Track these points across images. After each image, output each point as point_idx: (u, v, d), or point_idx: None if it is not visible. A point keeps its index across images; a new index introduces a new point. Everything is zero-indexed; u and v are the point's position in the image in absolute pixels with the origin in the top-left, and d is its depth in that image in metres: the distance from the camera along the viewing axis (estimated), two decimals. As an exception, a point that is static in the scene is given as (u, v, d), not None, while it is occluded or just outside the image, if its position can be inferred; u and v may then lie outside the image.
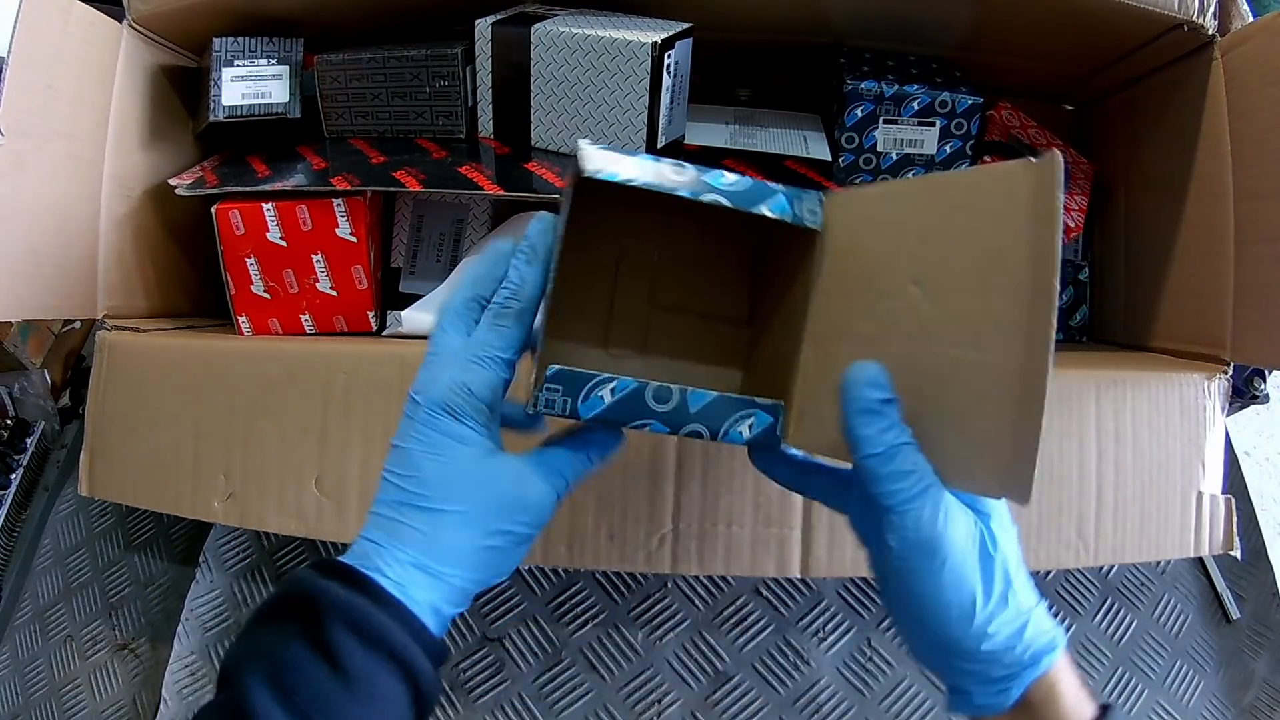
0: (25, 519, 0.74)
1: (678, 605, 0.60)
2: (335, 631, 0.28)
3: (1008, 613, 0.30)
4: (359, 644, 0.29)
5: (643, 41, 0.53)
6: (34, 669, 0.65)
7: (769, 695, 0.58)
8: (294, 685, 0.28)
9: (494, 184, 0.56)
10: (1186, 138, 0.56)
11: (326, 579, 0.30)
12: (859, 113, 0.61)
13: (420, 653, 0.30)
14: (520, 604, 0.61)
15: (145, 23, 0.59)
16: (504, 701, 0.58)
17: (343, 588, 0.29)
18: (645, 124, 0.55)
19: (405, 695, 0.30)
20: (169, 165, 0.63)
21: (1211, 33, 0.53)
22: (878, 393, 0.31)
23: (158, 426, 0.53)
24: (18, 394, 0.76)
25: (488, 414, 0.32)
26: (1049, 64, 0.66)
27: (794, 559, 0.48)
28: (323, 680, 0.28)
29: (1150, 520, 0.49)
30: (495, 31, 0.59)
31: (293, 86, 0.62)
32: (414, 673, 0.30)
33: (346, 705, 0.28)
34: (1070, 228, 0.66)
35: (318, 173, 0.58)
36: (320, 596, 0.29)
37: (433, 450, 0.32)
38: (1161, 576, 0.63)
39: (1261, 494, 0.73)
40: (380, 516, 0.32)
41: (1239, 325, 0.51)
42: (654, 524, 0.48)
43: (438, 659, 0.31)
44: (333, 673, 0.28)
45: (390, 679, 0.29)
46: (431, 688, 0.31)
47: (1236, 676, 0.61)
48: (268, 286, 0.58)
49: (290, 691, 0.28)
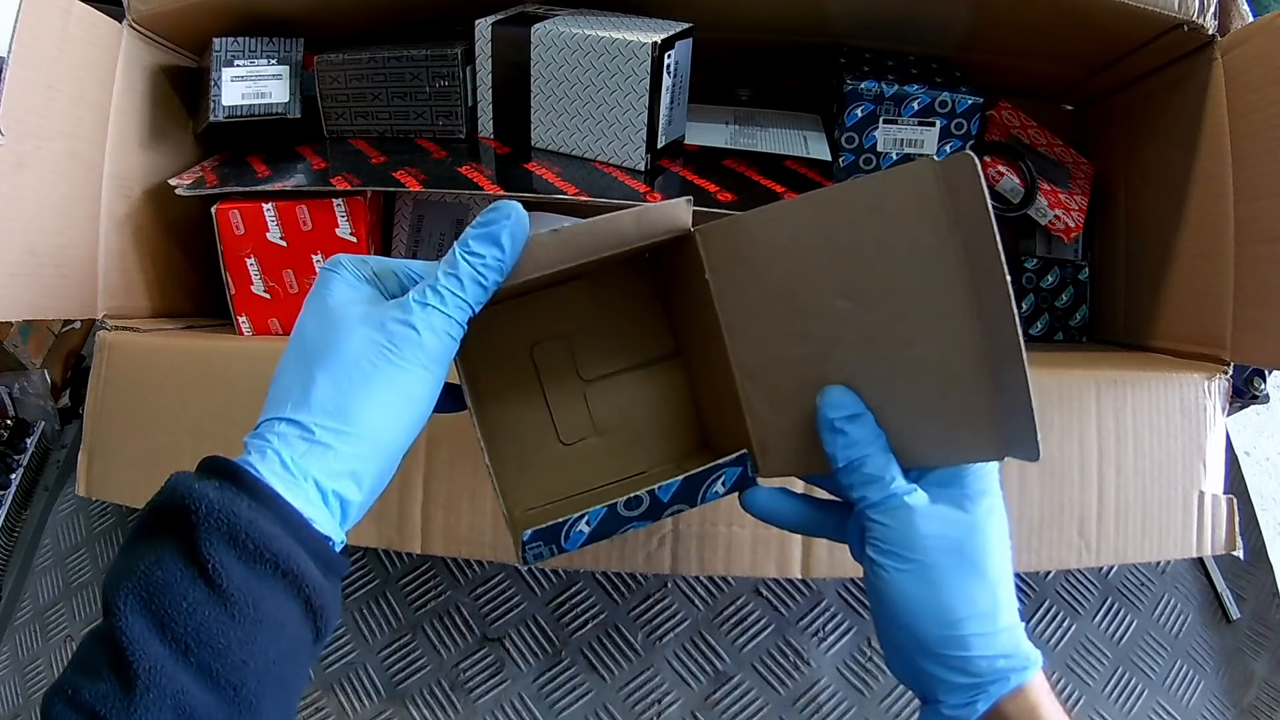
0: (25, 519, 0.74)
1: (678, 605, 0.60)
2: (211, 545, 0.26)
3: (983, 621, 0.31)
4: (238, 559, 0.26)
5: (643, 41, 0.53)
6: (34, 669, 0.65)
7: (769, 695, 0.57)
8: (170, 611, 0.25)
9: (494, 184, 0.56)
10: (1186, 137, 0.56)
11: (203, 479, 0.27)
12: (859, 113, 0.61)
13: (308, 559, 0.27)
14: (520, 604, 0.61)
15: (145, 23, 0.59)
16: (504, 701, 0.58)
17: (218, 489, 0.27)
18: (645, 124, 0.55)
19: (296, 611, 0.27)
20: (169, 165, 0.63)
21: (1211, 33, 0.53)
22: (841, 411, 0.33)
23: (157, 426, 0.53)
24: (18, 394, 0.76)
25: (370, 275, 0.32)
26: (1049, 64, 0.66)
27: (794, 559, 0.48)
28: (201, 604, 0.25)
29: (1152, 520, 0.49)
30: (495, 31, 0.59)
31: (293, 86, 0.62)
32: (302, 582, 0.27)
33: (228, 630, 0.25)
34: (1070, 228, 0.66)
35: (318, 173, 0.58)
36: (194, 504, 0.26)
37: (311, 306, 0.31)
38: (1161, 576, 0.63)
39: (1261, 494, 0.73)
40: (275, 383, 0.31)
41: (1239, 325, 0.51)
42: (654, 524, 0.48)
43: (329, 562, 0.28)
44: (211, 595, 0.25)
45: (276, 595, 0.27)
46: (326, 601, 0.28)
47: (1236, 676, 0.61)
48: (268, 286, 0.58)
49: (166, 618, 0.25)
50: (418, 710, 0.58)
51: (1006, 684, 0.30)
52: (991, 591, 0.31)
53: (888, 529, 0.32)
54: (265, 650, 0.26)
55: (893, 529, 0.31)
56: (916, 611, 0.31)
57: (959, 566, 0.31)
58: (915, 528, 0.31)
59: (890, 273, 0.31)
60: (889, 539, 0.31)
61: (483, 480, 0.47)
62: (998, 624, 0.31)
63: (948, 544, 0.31)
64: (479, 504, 0.48)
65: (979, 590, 0.31)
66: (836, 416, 0.33)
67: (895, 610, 0.32)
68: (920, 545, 0.31)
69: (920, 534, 0.31)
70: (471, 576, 0.63)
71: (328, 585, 0.28)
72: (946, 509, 0.32)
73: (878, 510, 0.32)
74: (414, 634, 0.61)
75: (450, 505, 0.48)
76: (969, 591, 0.31)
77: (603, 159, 0.59)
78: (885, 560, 0.32)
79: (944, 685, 0.31)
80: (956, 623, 0.31)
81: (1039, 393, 0.28)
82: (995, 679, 0.30)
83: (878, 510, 0.32)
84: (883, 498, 0.32)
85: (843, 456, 0.32)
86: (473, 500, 0.48)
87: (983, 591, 0.31)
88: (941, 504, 0.32)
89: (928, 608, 0.31)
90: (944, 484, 0.32)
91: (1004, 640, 0.31)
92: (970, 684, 0.31)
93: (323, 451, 0.28)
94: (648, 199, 0.54)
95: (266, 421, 0.29)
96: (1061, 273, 0.70)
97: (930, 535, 0.31)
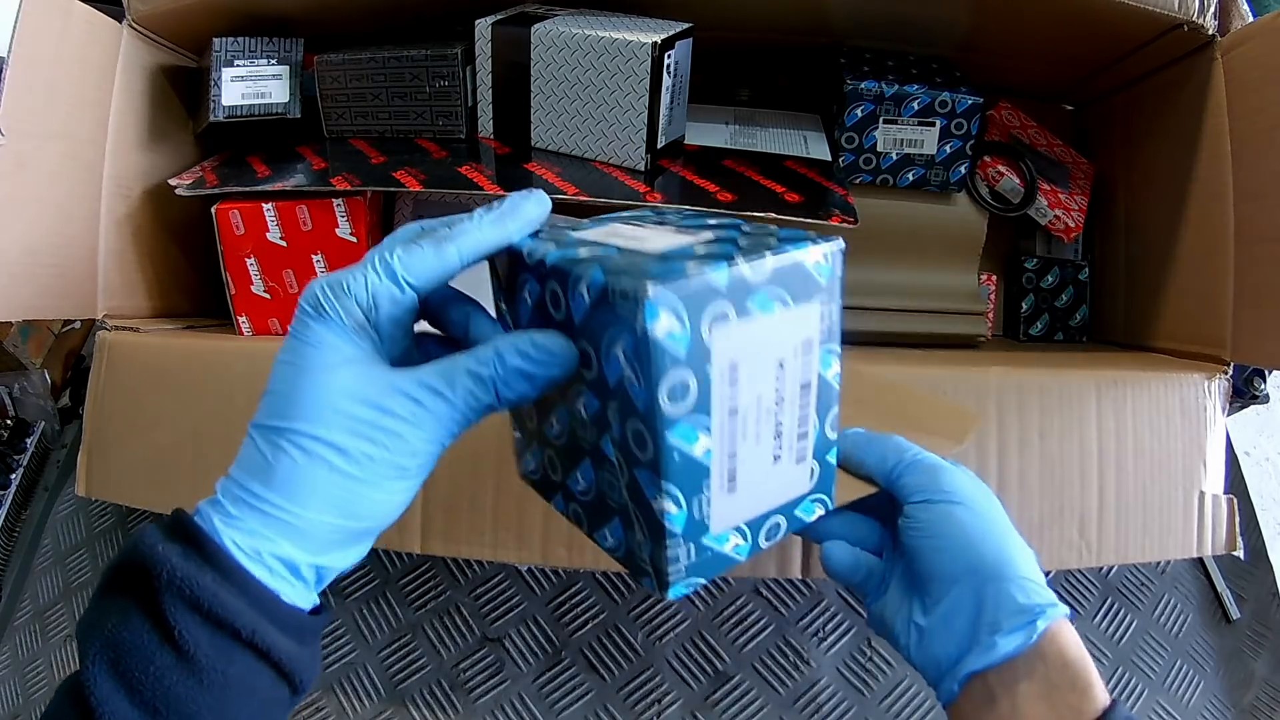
0: (25, 519, 0.74)
1: (678, 605, 0.60)
2: (176, 613, 0.25)
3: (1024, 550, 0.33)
4: (203, 627, 0.25)
5: (643, 41, 0.53)
6: (34, 669, 0.65)
7: (769, 695, 0.57)
8: (138, 674, 0.24)
9: (494, 184, 0.56)
10: (1186, 138, 0.56)
11: (168, 542, 0.26)
12: (859, 113, 0.61)
13: (276, 632, 0.26)
14: (520, 604, 0.61)
15: (145, 23, 0.59)
16: (504, 701, 0.58)
17: (183, 556, 0.25)
18: (645, 124, 0.55)
19: (268, 677, 0.26)
20: (169, 165, 0.63)
21: (1211, 33, 0.53)
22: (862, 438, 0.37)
23: (156, 426, 0.53)
24: (18, 394, 0.76)
25: (360, 318, 0.27)
26: (1049, 64, 0.66)
27: (795, 559, 0.48)
28: (168, 669, 0.25)
29: (1152, 520, 0.49)
30: (495, 31, 0.59)
31: (293, 86, 0.62)
32: (272, 655, 0.26)
33: (197, 696, 0.25)
34: (1070, 228, 0.66)
35: (318, 173, 0.58)
36: (157, 569, 0.25)
37: (290, 358, 0.27)
38: (1161, 576, 0.63)
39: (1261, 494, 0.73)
40: (245, 445, 0.28)
41: (1239, 325, 0.51)
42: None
43: (304, 632, 0.27)
44: (178, 660, 0.25)
45: (245, 664, 0.26)
46: (299, 665, 0.27)
47: (1236, 676, 0.61)
48: (268, 286, 0.58)
49: (135, 681, 0.24)
50: (418, 710, 0.58)
51: (1055, 611, 0.31)
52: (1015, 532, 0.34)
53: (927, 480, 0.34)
54: (236, 714, 0.26)
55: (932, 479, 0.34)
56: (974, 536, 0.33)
57: (990, 506, 0.34)
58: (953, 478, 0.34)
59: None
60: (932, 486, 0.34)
61: (483, 480, 0.47)
62: (1030, 564, 0.33)
63: (977, 491, 0.34)
64: (479, 504, 0.48)
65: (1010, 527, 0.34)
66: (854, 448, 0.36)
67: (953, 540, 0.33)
68: (961, 490, 0.34)
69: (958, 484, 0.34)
70: (471, 576, 0.63)
71: (301, 652, 0.27)
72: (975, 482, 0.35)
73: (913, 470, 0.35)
74: (414, 634, 0.61)
75: (450, 505, 0.48)
76: (1006, 524, 0.34)
77: (603, 159, 0.59)
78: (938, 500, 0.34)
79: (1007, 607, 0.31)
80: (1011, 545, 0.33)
81: (1039, 392, 0.28)
82: (1047, 605, 0.31)
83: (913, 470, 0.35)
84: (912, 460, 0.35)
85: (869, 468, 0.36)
86: (473, 500, 0.48)
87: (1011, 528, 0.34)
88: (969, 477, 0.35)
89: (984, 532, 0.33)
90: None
91: (1038, 574, 0.33)
92: (1029, 606, 0.31)
93: (287, 529, 0.26)
94: (648, 199, 0.54)
95: (238, 480, 0.27)
96: (1061, 273, 0.70)
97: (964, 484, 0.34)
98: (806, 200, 0.56)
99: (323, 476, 0.26)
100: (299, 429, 0.26)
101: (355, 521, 0.27)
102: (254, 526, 0.26)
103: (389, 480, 0.27)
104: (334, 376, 0.26)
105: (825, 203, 0.56)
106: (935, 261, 0.66)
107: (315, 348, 0.27)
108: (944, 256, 0.66)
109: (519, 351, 0.27)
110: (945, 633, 0.33)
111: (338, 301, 0.27)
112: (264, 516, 0.26)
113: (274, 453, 0.26)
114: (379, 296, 0.27)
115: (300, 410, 0.26)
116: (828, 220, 0.54)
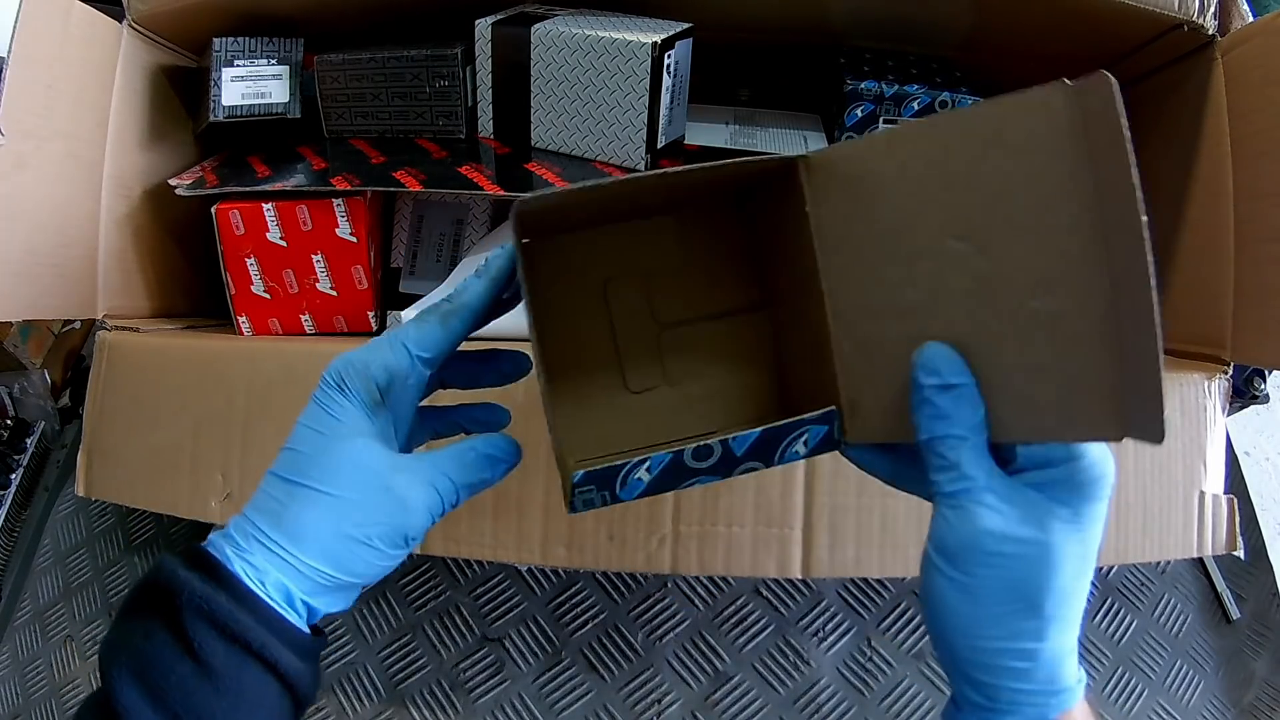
0: (25, 519, 0.74)
1: (678, 605, 0.60)
2: (196, 628, 0.28)
3: (1022, 655, 0.28)
4: (220, 640, 0.28)
5: (643, 41, 0.53)
6: (34, 669, 0.65)
7: (769, 695, 0.57)
8: (161, 683, 0.28)
9: (494, 184, 0.56)
10: (1186, 138, 0.56)
11: (188, 569, 0.29)
12: (859, 113, 0.61)
13: (283, 648, 0.29)
14: (520, 604, 0.61)
15: (145, 23, 0.59)
16: (504, 701, 0.58)
17: (201, 580, 0.29)
18: (645, 124, 0.55)
19: (275, 688, 0.30)
20: (169, 165, 0.63)
21: (1211, 33, 0.53)
22: (936, 377, 0.29)
23: (156, 426, 0.53)
24: (18, 394, 0.76)
25: (376, 396, 0.31)
26: (1049, 64, 0.65)
27: (795, 559, 0.48)
28: (188, 677, 0.28)
29: (1153, 520, 0.49)
30: (495, 31, 0.59)
31: (293, 86, 0.62)
32: (279, 668, 0.29)
33: (213, 702, 0.28)
34: (1070, 228, 0.66)
35: (318, 173, 0.58)
36: (179, 590, 0.28)
37: (312, 423, 0.31)
38: (1161, 576, 0.63)
39: (1261, 494, 0.73)
40: (261, 490, 0.31)
41: (1239, 325, 0.51)
42: (654, 524, 0.48)
43: (306, 651, 0.30)
44: (197, 669, 0.28)
45: (255, 675, 0.29)
46: (302, 680, 0.30)
47: (1236, 676, 0.61)
48: (268, 286, 0.58)
49: (158, 690, 0.28)
50: (418, 710, 0.58)
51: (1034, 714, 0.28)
52: (1041, 628, 0.27)
53: (949, 527, 0.28)
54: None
55: (953, 530, 0.28)
56: (950, 621, 0.28)
57: (1010, 598, 0.27)
58: (976, 541, 0.27)
59: (1011, 212, 0.27)
60: (945, 540, 0.28)
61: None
62: (1040, 658, 0.27)
63: (1005, 573, 0.27)
64: (478, 503, 0.48)
65: (1026, 625, 0.27)
66: (929, 383, 0.29)
67: (930, 607, 0.29)
68: (974, 561, 0.28)
69: (978, 549, 0.27)
70: (471, 576, 0.63)
71: (304, 668, 0.30)
72: (1020, 527, 0.27)
73: (946, 502, 0.28)
74: (414, 634, 0.61)
75: (450, 505, 0.48)
76: (1013, 625, 0.27)
77: (603, 159, 0.59)
78: (936, 558, 0.29)
79: (964, 699, 0.29)
80: (990, 651, 0.28)
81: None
82: (1021, 708, 0.28)
83: (946, 502, 0.28)
84: (954, 490, 0.28)
85: (926, 429, 0.29)
86: (472, 500, 0.48)
87: (1030, 627, 0.27)
88: (1017, 519, 0.27)
89: (963, 621, 0.28)
90: (1044, 487, 0.28)
91: (1042, 673, 0.28)
92: (989, 708, 0.28)
93: (287, 568, 0.30)
94: (648, 199, 0.54)
95: (251, 518, 0.30)
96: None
97: (989, 554, 0.27)
98: (806, 200, 0.56)
99: (326, 530, 0.30)
100: (312, 485, 0.30)
101: (346, 575, 0.30)
102: (260, 561, 0.30)
103: (383, 546, 0.31)
104: (349, 446, 0.30)
105: (825, 203, 0.56)
106: (935, 261, 0.65)
107: (336, 419, 0.31)
108: (944, 256, 0.66)
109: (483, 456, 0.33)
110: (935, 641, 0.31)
111: (358, 378, 0.31)
112: (269, 553, 0.30)
113: (287, 500, 0.30)
114: (395, 375, 0.31)
115: (316, 470, 0.30)
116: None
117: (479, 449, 0.33)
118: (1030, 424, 0.28)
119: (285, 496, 0.30)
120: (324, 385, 0.31)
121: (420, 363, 0.32)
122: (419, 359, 0.31)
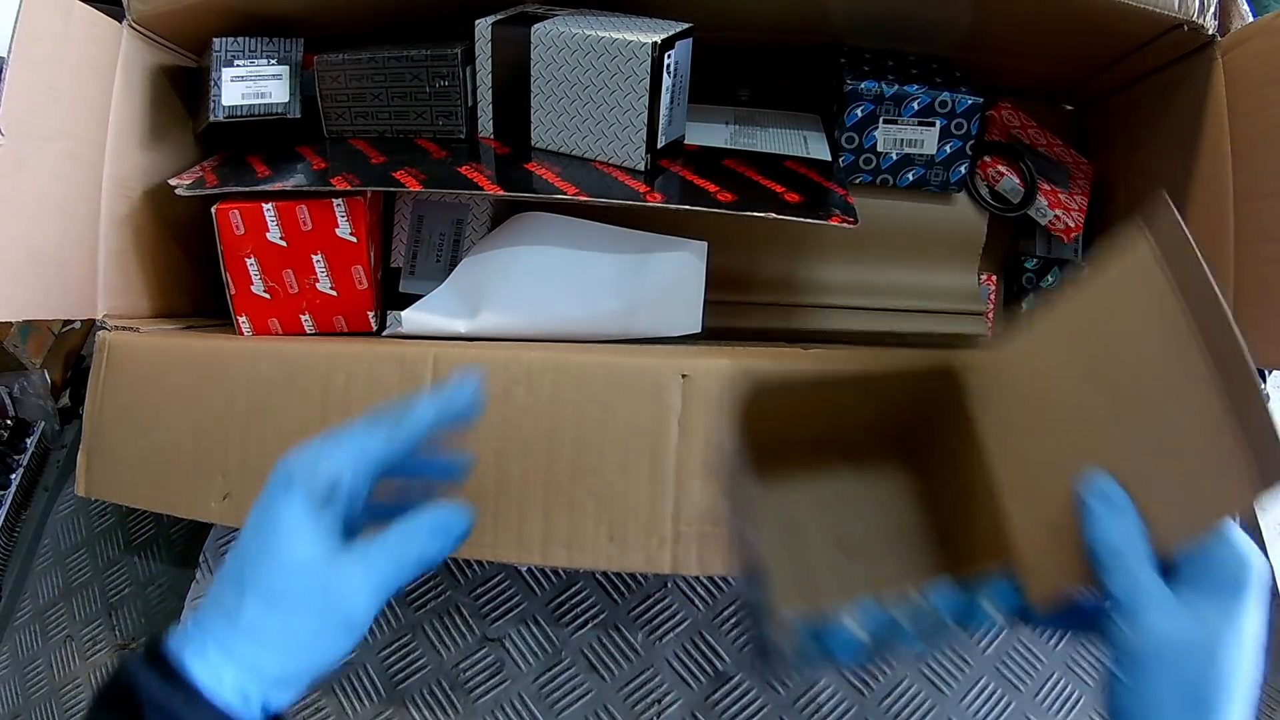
0: (25, 519, 0.74)
1: (678, 605, 0.60)
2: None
3: None
4: None
5: (643, 41, 0.53)
6: (34, 669, 0.65)
7: (769, 695, 0.57)
8: None
9: (494, 184, 0.56)
10: (1187, 137, 0.56)
11: (147, 668, 0.31)
12: (859, 113, 0.61)
13: None
14: (520, 604, 0.61)
15: (145, 23, 0.59)
16: (504, 701, 0.58)
17: (159, 683, 0.30)
18: (645, 124, 0.55)
19: None
20: (169, 165, 0.63)
21: (1211, 33, 0.53)
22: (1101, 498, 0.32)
23: (156, 426, 0.53)
24: (18, 394, 0.76)
25: (322, 497, 0.33)
26: (1049, 64, 0.66)
27: (794, 559, 0.48)
28: None
29: (1151, 520, 0.49)
30: (495, 31, 0.59)
31: (293, 86, 0.62)
32: None
33: None
34: (1070, 228, 0.66)
35: (318, 173, 0.58)
36: (140, 695, 0.30)
37: (258, 521, 0.33)
38: (1162, 577, 0.63)
39: (1262, 494, 0.73)
40: (217, 582, 0.33)
41: (1239, 325, 0.51)
42: (654, 524, 0.48)
43: None
44: None
45: None
46: None
47: (1237, 677, 0.61)
48: (268, 286, 0.58)
49: None
50: (418, 710, 0.58)
51: None
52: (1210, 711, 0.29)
53: (1123, 636, 0.30)
54: None
55: (1126, 639, 0.30)
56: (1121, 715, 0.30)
57: (1184, 704, 0.29)
58: (1148, 648, 0.29)
59: (1132, 353, 0.32)
60: (1121, 649, 0.30)
61: (481, 479, 0.47)
62: None
63: (1177, 679, 0.29)
64: (478, 504, 0.48)
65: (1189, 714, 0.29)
66: (1096, 503, 0.32)
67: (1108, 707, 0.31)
68: (1146, 669, 0.29)
69: (1149, 656, 0.29)
70: (471, 576, 0.63)
71: None
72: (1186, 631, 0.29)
73: (1120, 613, 0.30)
74: (414, 634, 0.61)
75: (450, 505, 0.48)
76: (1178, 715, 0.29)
77: (603, 159, 0.59)
78: (1114, 668, 0.31)
79: None
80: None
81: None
82: None
83: (1120, 613, 0.30)
84: (1128, 597, 0.30)
85: (1101, 544, 0.32)
86: (472, 500, 0.48)
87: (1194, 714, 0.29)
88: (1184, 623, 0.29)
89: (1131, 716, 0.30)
90: (1193, 582, 0.30)
91: None
92: None
93: (249, 671, 0.31)
94: (647, 199, 0.54)
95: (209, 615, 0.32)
96: (1062, 273, 0.70)
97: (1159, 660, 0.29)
98: (806, 200, 0.56)
99: (272, 629, 0.31)
100: (259, 585, 0.32)
101: (297, 671, 0.32)
102: (216, 660, 0.31)
103: (328, 641, 0.32)
104: (291, 546, 0.32)
105: (825, 203, 0.56)
106: (935, 261, 0.66)
107: (279, 518, 0.32)
108: (944, 256, 0.66)
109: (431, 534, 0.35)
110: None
111: (304, 481, 0.33)
112: (224, 653, 0.31)
113: (238, 599, 0.32)
114: (338, 482, 0.33)
115: (262, 569, 0.32)
116: (828, 220, 0.54)
117: (426, 525, 0.35)
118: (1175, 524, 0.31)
119: (236, 596, 0.32)
120: (271, 484, 0.33)
121: (363, 476, 0.34)
122: (363, 469, 0.34)
